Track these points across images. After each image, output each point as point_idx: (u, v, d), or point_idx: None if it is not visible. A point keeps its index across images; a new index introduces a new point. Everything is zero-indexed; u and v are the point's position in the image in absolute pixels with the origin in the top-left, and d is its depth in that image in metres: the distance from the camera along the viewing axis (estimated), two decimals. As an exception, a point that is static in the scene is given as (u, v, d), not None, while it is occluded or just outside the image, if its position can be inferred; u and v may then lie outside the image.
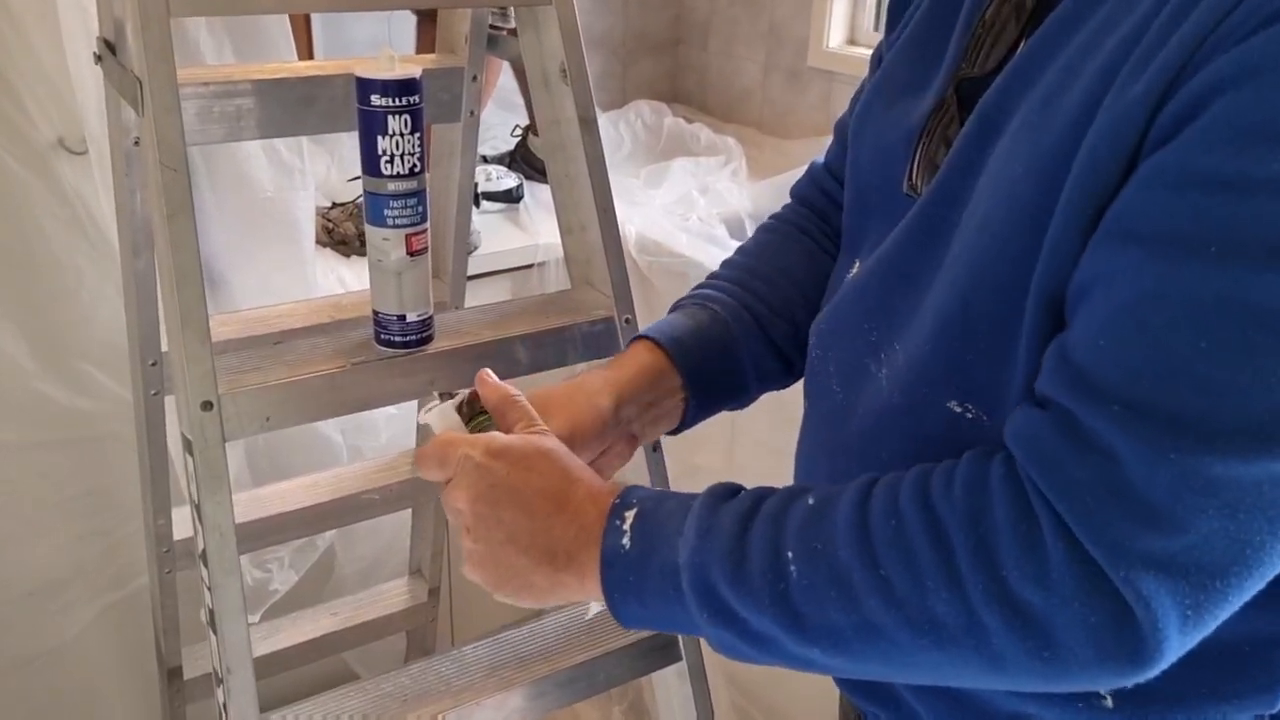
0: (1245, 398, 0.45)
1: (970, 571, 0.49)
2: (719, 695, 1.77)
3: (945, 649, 0.50)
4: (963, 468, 0.52)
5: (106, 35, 0.95)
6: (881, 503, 0.53)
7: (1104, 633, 0.47)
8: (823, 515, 0.54)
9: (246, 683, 0.79)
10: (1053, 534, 0.48)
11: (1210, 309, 0.45)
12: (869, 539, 0.52)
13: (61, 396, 1.35)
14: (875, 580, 0.51)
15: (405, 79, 0.76)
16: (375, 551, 1.62)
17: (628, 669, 0.95)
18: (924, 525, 0.51)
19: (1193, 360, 0.45)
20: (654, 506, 0.60)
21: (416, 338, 0.84)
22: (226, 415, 0.77)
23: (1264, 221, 0.44)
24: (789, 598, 0.53)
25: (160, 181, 0.75)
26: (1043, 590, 0.48)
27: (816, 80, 2.16)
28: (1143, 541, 0.46)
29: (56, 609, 1.45)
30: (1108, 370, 0.48)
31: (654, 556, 0.58)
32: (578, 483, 0.62)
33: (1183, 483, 0.46)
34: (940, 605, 0.50)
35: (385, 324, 0.83)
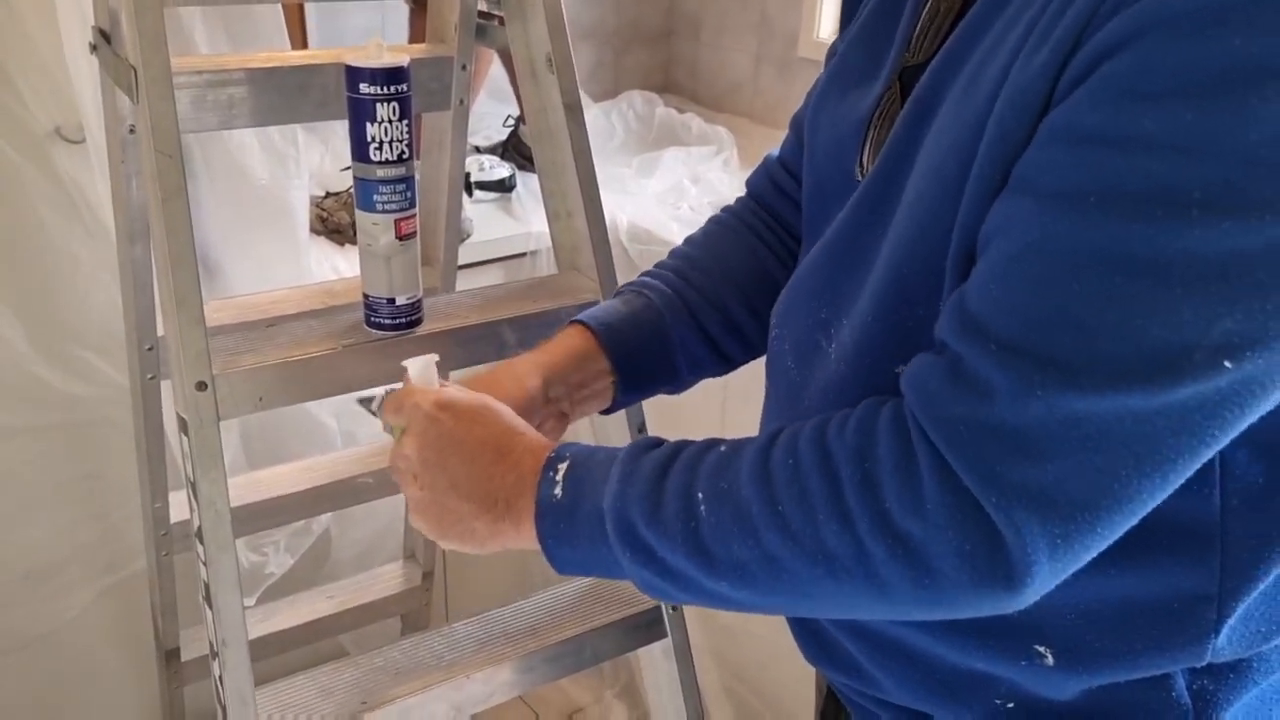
0: (1110, 339, 0.47)
1: (856, 504, 0.52)
2: (708, 677, 1.79)
3: (838, 579, 0.54)
4: (857, 411, 0.56)
5: (102, 24, 0.96)
6: (783, 446, 0.56)
7: (977, 559, 0.50)
8: (731, 459, 0.58)
9: (241, 657, 0.81)
10: (929, 467, 0.51)
11: (1085, 256, 0.48)
12: (769, 478, 0.55)
13: (58, 381, 1.37)
14: (773, 515, 0.55)
15: (393, 67, 0.78)
16: (370, 536, 1.64)
17: (613, 645, 0.97)
18: (817, 462, 0.54)
19: (1066, 304, 0.48)
20: (585, 458, 0.64)
21: (406, 320, 0.86)
22: (220, 395, 0.79)
23: (1136, 175, 0.46)
24: (699, 535, 0.57)
25: (155, 167, 0.77)
26: (920, 520, 0.51)
27: (807, 70, 2.18)
28: (1013, 472, 0.49)
29: (54, 592, 1.47)
30: (993, 314, 0.50)
31: (583, 503, 0.62)
32: (519, 435, 0.66)
33: (1050, 416, 0.48)
34: (831, 537, 0.53)
35: (375, 307, 0.85)
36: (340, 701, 0.86)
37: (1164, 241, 0.46)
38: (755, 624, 1.68)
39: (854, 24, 0.74)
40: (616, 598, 0.99)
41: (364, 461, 1.38)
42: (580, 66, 2.37)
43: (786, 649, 0.92)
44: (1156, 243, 0.46)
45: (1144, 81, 0.46)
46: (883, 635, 0.68)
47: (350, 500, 1.38)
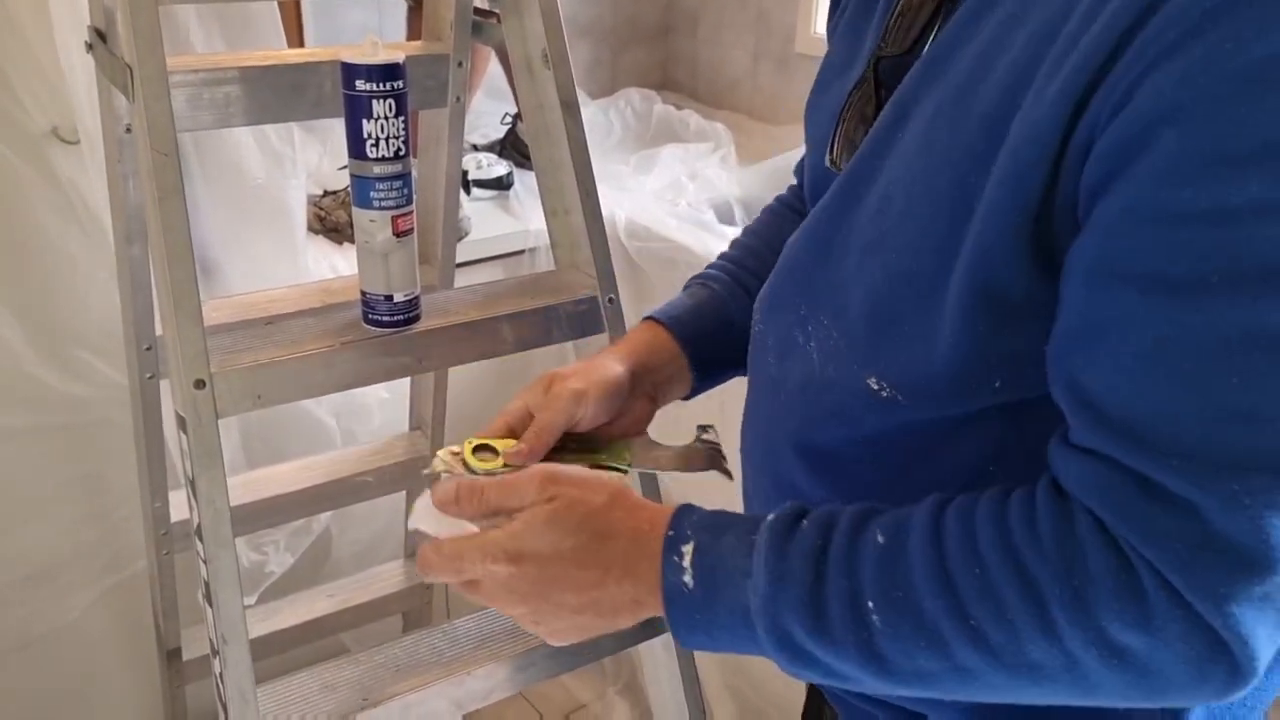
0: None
1: (1067, 624, 0.49)
2: (710, 673, 1.79)
3: (1041, 685, 0.51)
4: (1043, 503, 0.52)
5: (97, 24, 0.96)
6: (958, 544, 0.52)
7: (1203, 664, 0.48)
8: (896, 558, 0.53)
9: (241, 654, 0.81)
10: (1153, 584, 0.48)
11: (1230, 342, 0.44)
12: (953, 588, 0.51)
13: (57, 382, 1.37)
14: (966, 630, 0.51)
15: (388, 64, 0.78)
16: (370, 535, 1.64)
17: (613, 640, 0.97)
18: (1012, 575, 0.50)
19: (1230, 397, 0.45)
20: (711, 540, 0.58)
21: (404, 317, 0.86)
22: (219, 393, 0.79)
23: (1256, 245, 0.43)
24: (875, 645, 0.53)
25: (151, 165, 0.77)
26: (1146, 635, 0.48)
27: (805, 66, 2.18)
28: (1239, 586, 0.46)
29: (55, 592, 1.47)
30: (1151, 421, 0.47)
31: (721, 597, 0.57)
32: (612, 538, 0.60)
33: (1264, 523, 0.45)
34: (1037, 652, 0.50)
35: (373, 304, 0.85)
36: (341, 698, 0.86)
37: None
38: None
39: (840, 14, 0.75)
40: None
41: (363, 460, 1.38)
42: (578, 64, 2.38)
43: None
44: None
45: (1231, 144, 0.43)
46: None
47: (350, 499, 1.38)
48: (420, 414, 1.43)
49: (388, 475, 1.39)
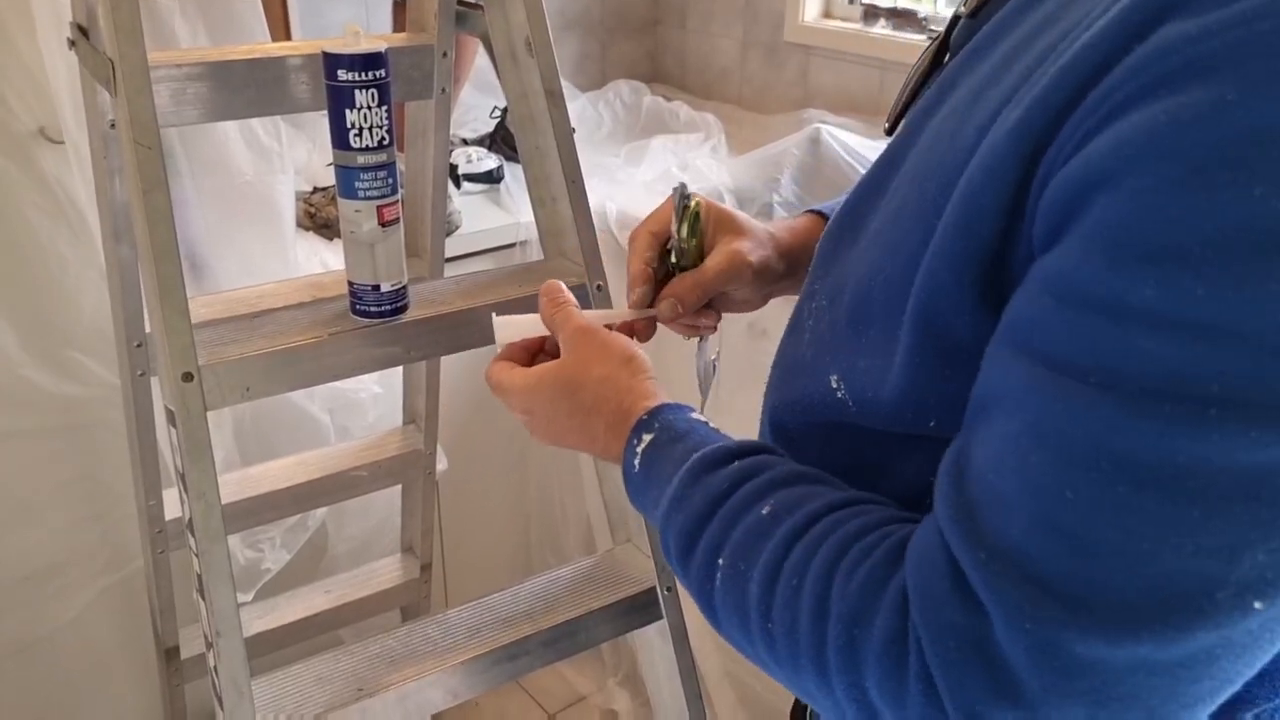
0: (1112, 566, 0.38)
1: (836, 669, 0.47)
2: (709, 661, 1.80)
3: (812, 699, 0.51)
4: (878, 554, 0.48)
5: (79, 20, 0.96)
6: (799, 556, 0.51)
7: None
8: (761, 535, 0.53)
9: (236, 647, 0.81)
10: (917, 671, 0.43)
11: (1083, 452, 0.39)
12: (774, 587, 0.51)
13: (50, 384, 1.37)
14: (763, 629, 0.52)
15: (370, 53, 0.78)
16: (366, 531, 1.64)
17: (609, 628, 0.97)
18: (815, 600, 0.48)
19: (1061, 512, 0.39)
20: (665, 441, 0.62)
21: (391, 307, 0.86)
22: (207, 386, 0.79)
23: (1140, 357, 0.38)
24: (711, 600, 0.56)
25: (135, 159, 0.76)
26: (900, 713, 0.45)
27: (794, 55, 2.18)
28: (993, 708, 0.41)
29: (53, 594, 1.47)
30: (988, 508, 0.42)
31: (650, 490, 0.62)
32: (597, 413, 0.66)
33: (1042, 657, 0.40)
34: (809, 680, 0.49)
35: (360, 294, 0.85)
36: (336, 690, 0.86)
37: (1177, 447, 0.37)
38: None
39: None
40: (611, 581, 1.00)
41: (357, 454, 1.38)
42: (567, 57, 2.38)
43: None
44: (1168, 448, 0.37)
45: (1141, 233, 0.37)
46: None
47: (345, 494, 1.38)
48: (413, 408, 1.43)
49: (382, 470, 1.39)
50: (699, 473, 0.58)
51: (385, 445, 1.41)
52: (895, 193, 0.56)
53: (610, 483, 1.02)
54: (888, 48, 2.00)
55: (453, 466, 1.56)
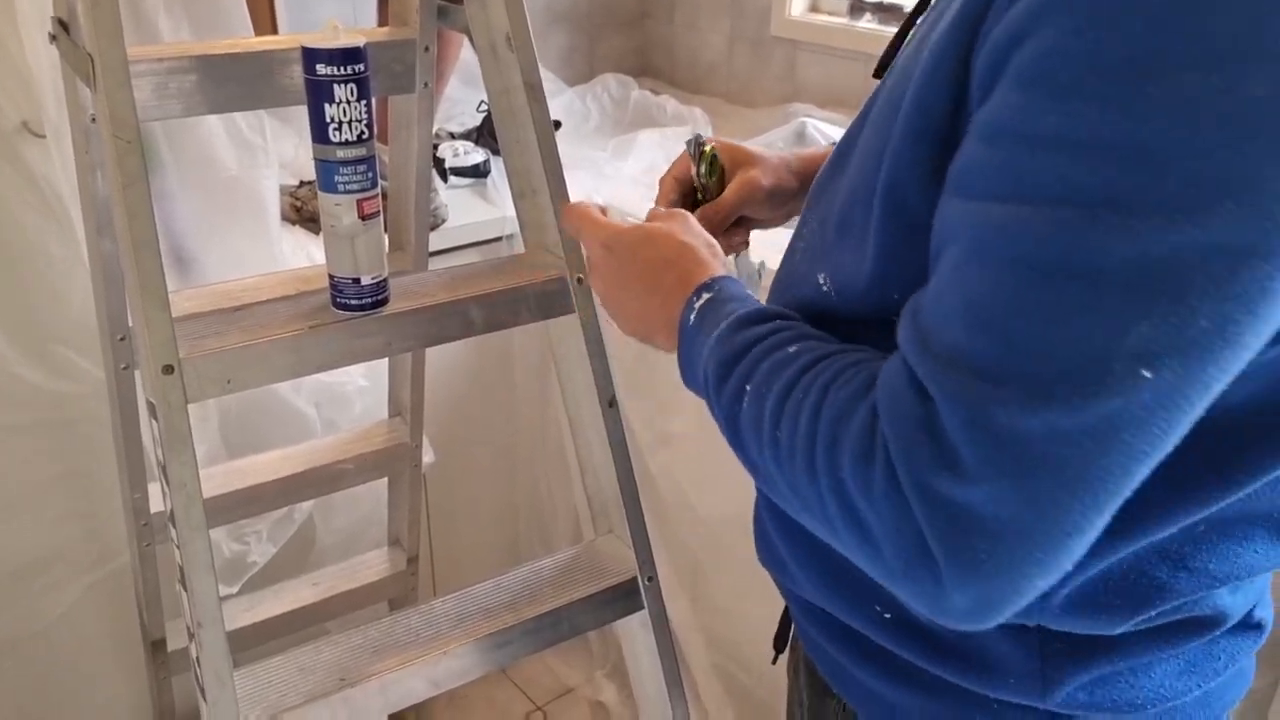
0: (1029, 351, 0.46)
1: (821, 462, 0.54)
2: (698, 655, 1.80)
3: (808, 510, 0.57)
4: (863, 374, 0.55)
5: (60, 15, 0.97)
6: (811, 376, 0.58)
7: (910, 556, 0.49)
8: (784, 366, 0.60)
9: (217, 637, 0.81)
10: (883, 460, 0.50)
11: (1008, 263, 0.46)
12: (784, 402, 0.58)
13: (37, 379, 1.37)
14: (773, 436, 0.59)
15: (349, 48, 0.78)
16: (353, 524, 1.65)
17: (591, 618, 0.98)
18: (812, 408, 0.56)
19: (993, 314, 0.47)
20: (721, 300, 0.69)
21: (372, 300, 0.87)
22: (188, 379, 0.79)
23: (1046, 176, 0.45)
24: (736, 423, 0.63)
25: (115, 153, 0.77)
26: (868, 502, 0.51)
27: (781, 50, 2.18)
28: (942, 486, 0.47)
29: (41, 589, 1.47)
30: (934, 323, 0.50)
31: (700, 338, 0.68)
32: (671, 269, 0.73)
33: (975, 431, 0.46)
34: (802, 479, 0.56)
35: (341, 287, 0.86)
36: (319, 680, 0.87)
37: (1075, 245, 0.44)
38: (745, 603, 1.69)
39: None
40: (593, 571, 1.00)
41: (343, 448, 1.39)
42: (554, 50, 2.38)
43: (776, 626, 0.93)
44: (1068, 247, 0.45)
45: (1048, 74, 0.45)
46: (798, 527, 0.71)
47: (331, 487, 1.39)
48: (399, 400, 1.43)
49: (368, 462, 1.40)
50: (745, 322, 0.66)
51: (372, 438, 1.42)
52: (870, 124, 0.63)
53: (593, 474, 1.02)
54: (874, 42, 2.01)
55: (439, 459, 1.57)
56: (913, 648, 0.68)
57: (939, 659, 0.67)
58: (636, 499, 0.99)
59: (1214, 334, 0.44)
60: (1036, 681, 0.64)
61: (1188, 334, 0.43)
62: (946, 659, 0.66)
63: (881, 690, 0.71)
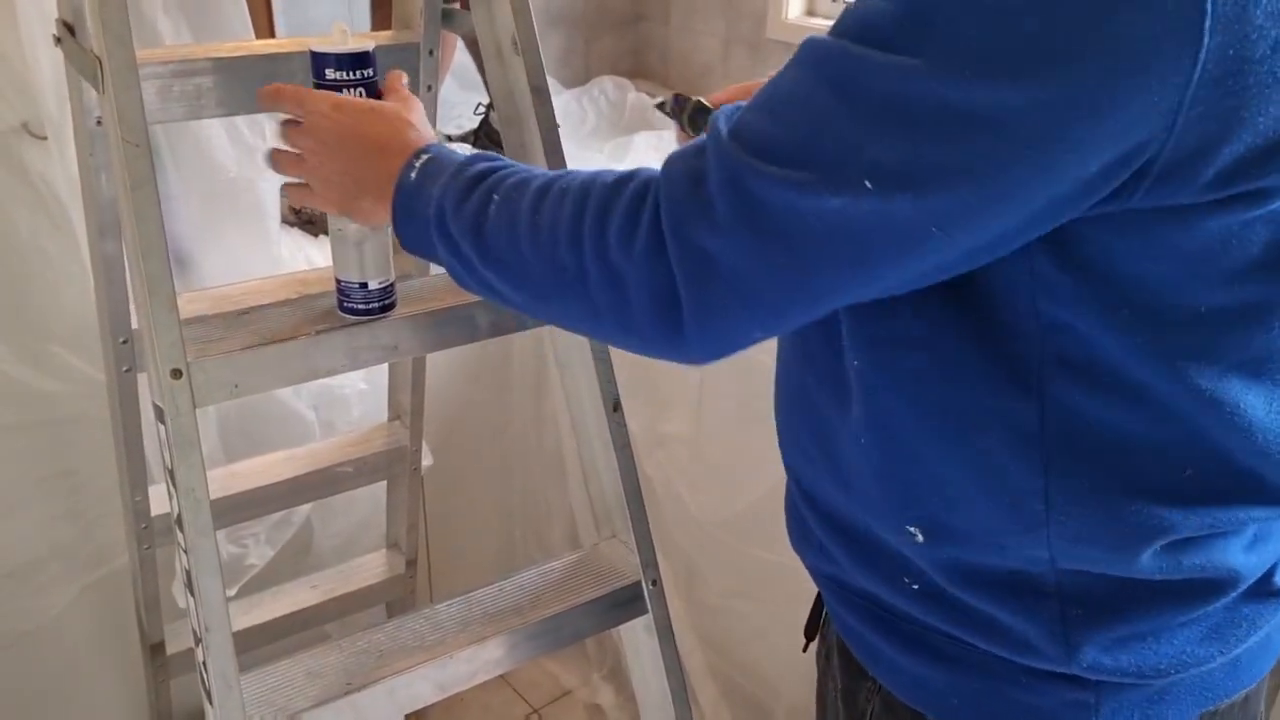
0: (789, 136, 0.54)
1: (589, 230, 0.62)
2: (693, 656, 1.81)
3: (562, 291, 0.64)
4: (642, 170, 0.63)
5: (65, 17, 0.96)
6: (569, 178, 0.65)
7: (659, 302, 0.58)
8: (533, 179, 0.67)
9: (224, 642, 0.81)
10: (650, 213, 0.59)
11: (813, 70, 0.55)
12: (545, 195, 0.65)
13: (32, 379, 1.36)
14: (532, 223, 0.65)
15: (358, 52, 0.78)
16: (351, 527, 1.65)
17: (594, 622, 0.98)
18: (578, 193, 0.63)
19: (773, 98, 0.56)
20: (442, 156, 0.74)
21: (379, 304, 0.87)
22: (196, 383, 0.79)
23: (854, 23, 0.53)
24: (482, 229, 0.68)
25: (123, 156, 0.77)
26: (628, 256, 0.59)
27: (777, 52, 2.19)
28: (694, 231, 0.57)
29: (35, 590, 1.46)
30: (744, 111, 0.58)
31: (424, 189, 0.72)
32: (400, 135, 0.76)
33: (731, 189, 0.55)
34: (564, 252, 0.63)
35: (348, 292, 0.86)
36: (326, 684, 0.87)
37: (852, 67, 0.52)
38: (740, 602, 1.70)
39: None
40: (597, 576, 1.01)
41: (343, 450, 1.39)
42: (551, 53, 2.38)
43: (771, 627, 0.94)
44: (854, 75, 0.52)
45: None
46: (827, 504, 0.74)
47: (330, 490, 1.39)
48: (399, 404, 1.43)
49: (367, 465, 1.40)
50: (475, 160, 0.72)
51: (370, 441, 1.42)
52: None
53: (596, 478, 1.02)
54: (870, 45, 2.01)
55: (437, 462, 1.57)
56: (940, 615, 0.69)
57: (966, 626, 0.68)
58: (641, 503, 0.99)
59: (937, 172, 0.51)
60: (1060, 645, 0.65)
61: (917, 171, 0.51)
62: (974, 627, 0.68)
63: (913, 667, 0.72)
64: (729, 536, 1.63)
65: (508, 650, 0.93)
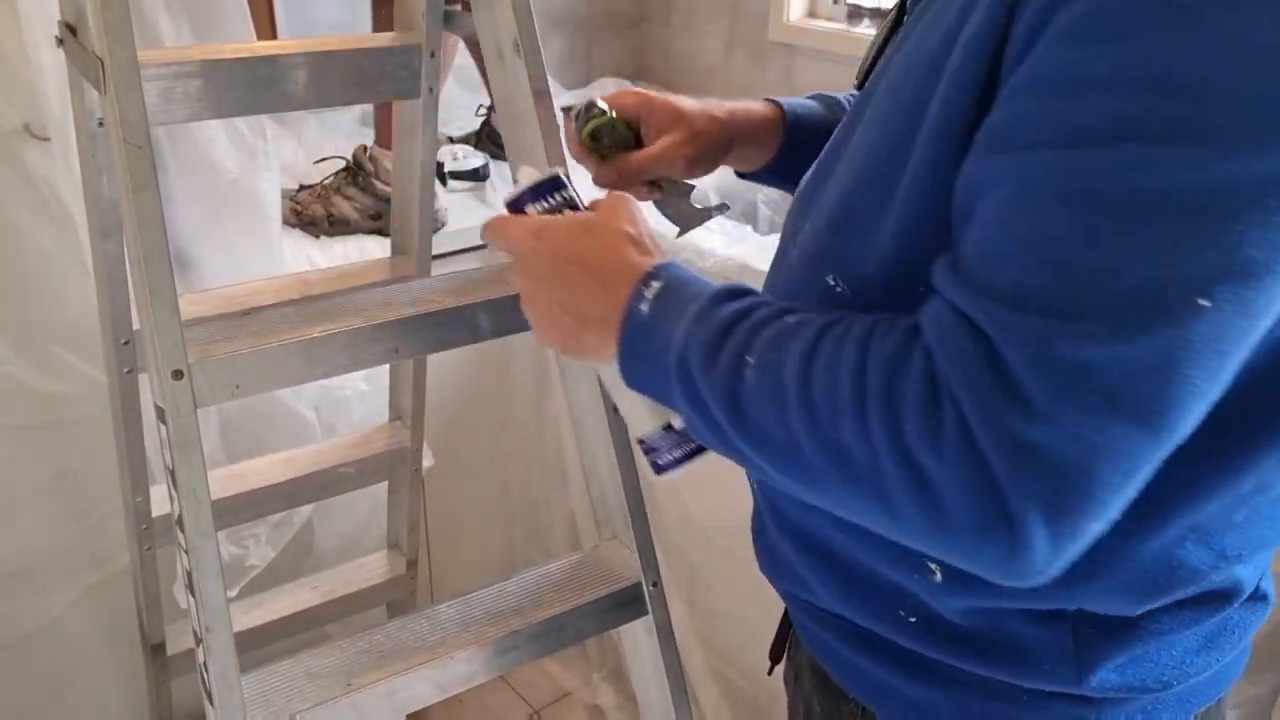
0: (1087, 279, 0.46)
1: (876, 417, 0.52)
2: (694, 659, 1.81)
3: (848, 482, 0.54)
4: (902, 325, 0.54)
5: (68, 18, 0.96)
6: (835, 334, 0.56)
7: (985, 504, 0.48)
8: (792, 333, 0.58)
9: (225, 641, 0.81)
10: (951, 405, 0.49)
11: (1060, 199, 0.47)
12: (812, 363, 0.56)
13: (34, 381, 1.37)
14: (804, 400, 0.55)
15: (547, 179, 0.75)
16: (352, 527, 1.65)
17: (595, 623, 0.98)
18: (854, 362, 0.54)
19: (1046, 248, 0.48)
20: (678, 284, 0.65)
21: (694, 444, 0.73)
22: (197, 384, 0.79)
23: (1098, 115, 0.47)
24: (739, 398, 0.58)
25: (125, 158, 0.77)
26: (934, 451, 0.49)
27: (779, 54, 2.19)
28: (1013, 422, 0.47)
29: (36, 591, 1.47)
30: (980, 267, 0.51)
31: (661, 326, 0.64)
32: (614, 255, 0.68)
33: (1040, 366, 0.47)
34: (849, 435, 0.53)
35: (656, 446, 0.73)
36: (325, 684, 0.86)
37: (1132, 177, 0.46)
38: (741, 606, 1.70)
39: None
40: (597, 576, 1.00)
41: (344, 451, 1.39)
42: (552, 55, 2.38)
43: (773, 631, 0.94)
44: (1125, 179, 0.46)
45: (1095, 26, 0.47)
46: (813, 537, 0.71)
47: (331, 491, 1.39)
48: (400, 405, 1.43)
49: (368, 467, 1.40)
50: (720, 300, 0.62)
51: (371, 442, 1.42)
52: (867, 124, 0.64)
53: (598, 480, 1.02)
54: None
55: (438, 463, 1.57)
56: (941, 647, 0.67)
57: (969, 654, 0.66)
58: (641, 504, 0.99)
59: (1263, 264, 0.45)
60: (1071, 667, 0.64)
61: (1238, 262, 0.45)
62: (978, 654, 0.66)
63: (904, 689, 0.71)
64: (730, 539, 1.63)
65: (508, 651, 0.93)
